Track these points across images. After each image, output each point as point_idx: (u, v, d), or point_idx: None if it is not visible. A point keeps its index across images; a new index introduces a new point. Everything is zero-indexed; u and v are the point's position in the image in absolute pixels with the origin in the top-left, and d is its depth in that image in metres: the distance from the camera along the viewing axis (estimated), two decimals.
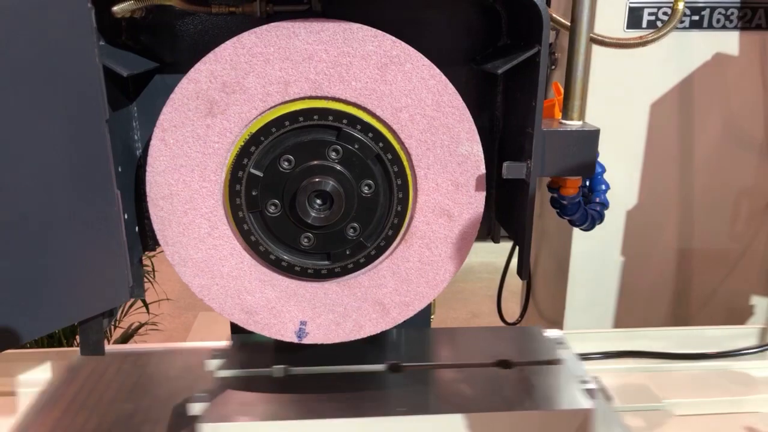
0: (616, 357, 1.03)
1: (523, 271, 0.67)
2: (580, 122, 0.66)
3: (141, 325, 2.33)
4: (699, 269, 1.46)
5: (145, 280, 2.16)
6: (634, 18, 1.28)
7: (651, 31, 0.91)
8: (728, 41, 1.31)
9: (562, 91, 0.70)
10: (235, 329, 0.85)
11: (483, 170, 0.67)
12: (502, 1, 0.67)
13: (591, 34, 0.65)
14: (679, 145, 1.37)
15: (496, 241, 0.78)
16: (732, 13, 1.30)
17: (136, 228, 0.71)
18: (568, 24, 0.64)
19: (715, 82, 1.33)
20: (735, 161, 1.37)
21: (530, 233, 0.65)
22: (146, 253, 0.76)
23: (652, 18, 1.28)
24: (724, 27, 1.30)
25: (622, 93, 1.34)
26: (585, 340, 1.05)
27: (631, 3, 1.27)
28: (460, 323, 2.64)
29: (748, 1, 1.28)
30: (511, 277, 1.75)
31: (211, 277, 0.69)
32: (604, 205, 0.73)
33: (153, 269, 2.27)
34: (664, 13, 1.28)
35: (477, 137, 0.66)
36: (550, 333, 0.82)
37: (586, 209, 0.70)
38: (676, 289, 1.49)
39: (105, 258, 0.61)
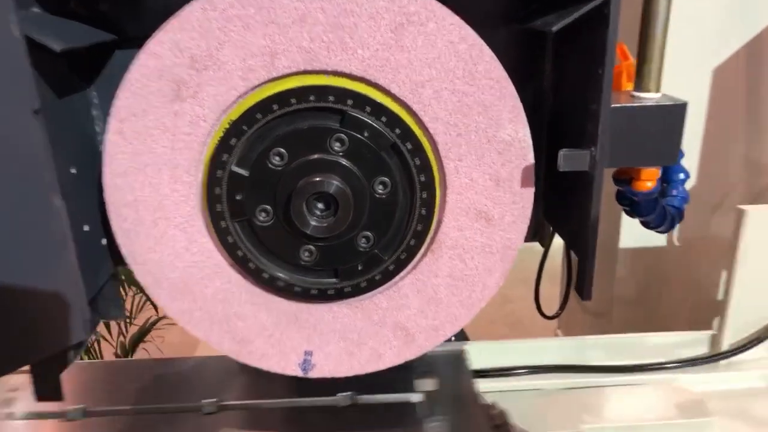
0: (532, 372, 0.90)
1: (585, 289, 0.52)
2: (659, 94, 0.50)
3: (158, 320, 2.24)
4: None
5: None
6: None
7: None
8: None
9: (629, 54, 0.54)
10: None
11: (531, 160, 0.52)
12: None
13: None
14: (746, 115, 1.19)
15: (544, 245, 0.63)
16: None
17: (104, 240, 0.58)
18: None
19: None
20: None
21: (595, 240, 0.50)
22: None
23: None
24: None
25: (677, 59, 1.16)
26: (507, 351, 0.93)
27: None
28: (492, 310, 2.48)
29: None
30: (550, 259, 1.59)
31: (192, 300, 0.56)
32: (685, 199, 0.57)
33: None
34: None
35: (523, 118, 0.51)
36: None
37: (664, 206, 0.54)
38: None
39: (49, 288, 0.48)
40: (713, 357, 0.89)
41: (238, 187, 0.51)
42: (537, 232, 0.63)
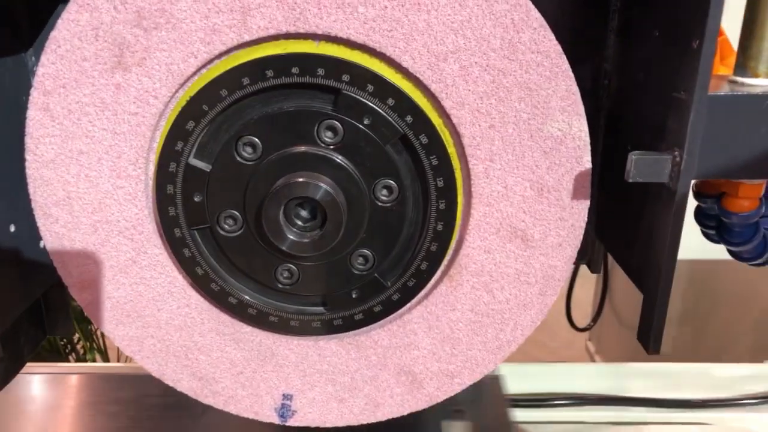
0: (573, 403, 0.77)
1: (652, 340, 0.39)
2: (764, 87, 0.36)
3: None
4: None
5: None
6: None
7: None
8: None
9: (722, 30, 0.41)
10: None
11: (588, 164, 0.38)
12: None
13: None
14: None
15: (595, 270, 0.50)
16: None
17: (42, 242, 0.47)
18: None
19: None
20: None
21: (670, 278, 0.37)
22: None
23: None
24: None
25: None
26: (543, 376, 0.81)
27: None
28: None
29: None
30: (581, 273, 1.46)
31: (142, 326, 0.44)
32: None
33: None
34: None
35: (580, 107, 0.37)
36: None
37: (765, 233, 0.41)
38: None
39: None
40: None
41: (196, 185, 0.39)
42: (586, 253, 0.50)
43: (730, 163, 0.35)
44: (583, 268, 1.21)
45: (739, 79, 0.37)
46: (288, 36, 0.37)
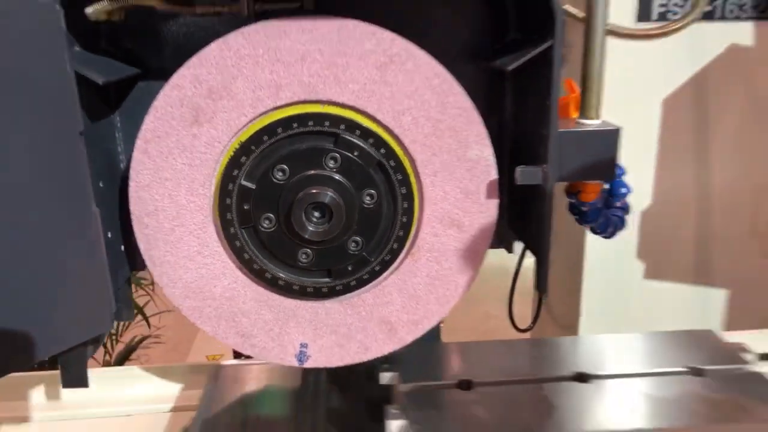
0: None
1: (541, 284, 0.61)
2: (599, 121, 0.61)
3: (143, 339, 2.28)
4: (720, 269, 1.40)
5: (144, 292, 2.12)
6: (644, 9, 1.22)
7: (665, 23, 0.85)
8: (743, 32, 1.25)
9: (576, 88, 0.65)
10: (237, 352, 0.81)
11: (495, 176, 0.61)
12: None
13: (608, 26, 0.60)
14: (694, 141, 1.31)
15: (509, 250, 0.72)
16: (745, 3, 1.24)
17: (122, 247, 0.66)
18: (582, 15, 0.59)
19: (730, 74, 1.27)
20: (754, 156, 1.32)
21: (548, 244, 0.60)
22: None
23: (663, 10, 1.22)
24: (737, 18, 1.24)
25: (631, 90, 1.29)
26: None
27: None
28: (474, 325, 2.57)
29: None
30: (522, 281, 1.69)
31: (202, 298, 0.64)
32: (626, 210, 0.67)
33: (152, 281, 2.22)
34: (676, 4, 1.23)
35: (487, 140, 0.61)
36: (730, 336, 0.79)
37: (608, 215, 0.65)
38: (698, 290, 1.43)
39: (84, 283, 0.56)
40: None
41: (245, 198, 0.60)
42: (503, 240, 0.73)
43: (576, 172, 0.59)
44: (523, 293, 1.47)
45: (581, 120, 0.61)
46: (305, 102, 0.59)
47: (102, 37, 0.63)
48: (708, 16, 1.24)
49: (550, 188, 0.58)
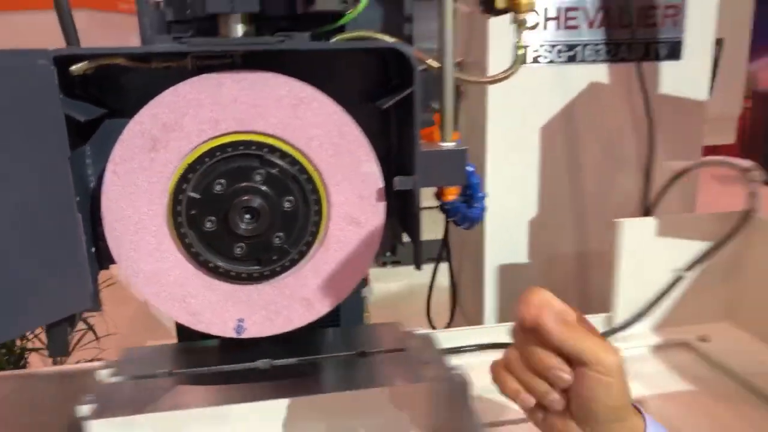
0: (486, 348, 1.20)
1: (417, 262, 0.83)
2: (453, 143, 0.84)
3: (89, 361, 2.37)
4: (595, 270, 1.67)
5: (93, 315, 2.23)
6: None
7: (505, 71, 1.10)
8: (599, 72, 1.55)
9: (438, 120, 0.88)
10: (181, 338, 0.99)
11: (381, 185, 0.83)
12: (388, 51, 0.85)
13: (455, 75, 0.83)
14: (567, 162, 1.59)
15: (400, 242, 0.94)
16: (600, 48, 1.54)
17: (93, 249, 0.84)
18: (437, 65, 0.82)
19: (591, 107, 1.56)
20: (613, 175, 1.60)
21: (419, 230, 0.82)
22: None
23: (536, 54, 1.50)
24: (594, 60, 1.53)
25: (517, 119, 1.56)
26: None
27: (516, 42, 1.49)
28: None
29: (612, 38, 1.53)
30: (443, 293, 1.93)
31: (160, 285, 0.82)
32: (482, 209, 0.91)
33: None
34: (547, 50, 1.51)
35: (374, 158, 0.82)
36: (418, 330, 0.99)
37: (466, 212, 0.87)
38: (578, 289, 1.69)
39: (70, 269, 0.73)
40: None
41: (192, 205, 0.79)
42: (395, 236, 0.94)
43: (436, 179, 0.81)
44: (438, 294, 1.71)
45: (441, 143, 0.84)
46: (237, 132, 0.79)
47: (77, 86, 0.82)
48: (571, 60, 1.53)
49: (418, 191, 0.80)
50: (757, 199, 1.19)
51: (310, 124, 0.80)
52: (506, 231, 1.61)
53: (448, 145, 0.83)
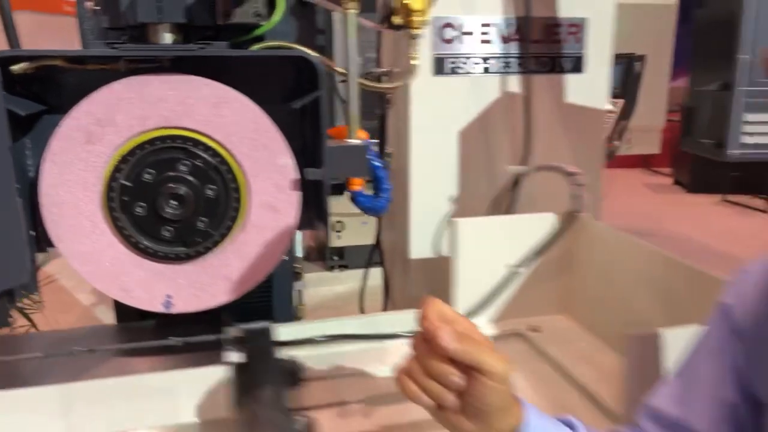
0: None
1: (328, 247, 0.95)
2: (359, 141, 0.96)
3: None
4: None
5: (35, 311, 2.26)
6: (438, 65, 1.64)
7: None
8: (510, 82, 1.71)
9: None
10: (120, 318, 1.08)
11: (295, 176, 0.95)
12: (298, 59, 0.97)
13: (359, 80, 0.96)
14: (483, 163, 1.74)
15: (313, 228, 1.06)
16: (512, 61, 1.70)
17: (32, 232, 0.92)
18: (343, 72, 0.95)
19: (504, 113, 1.72)
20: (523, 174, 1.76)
21: (328, 217, 0.94)
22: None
23: (453, 65, 1.65)
24: (506, 72, 1.69)
25: (438, 124, 1.70)
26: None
27: (435, 54, 1.64)
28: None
29: (522, 52, 1.69)
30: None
31: (95, 264, 0.92)
32: (388, 199, 1.03)
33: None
34: (463, 62, 1.66)
35: (288, 152, 0.94)
36: None
37: (373, 202, 1.00)
38: None
39: (11, 249, 0.82)
40: None
41: (125, 192, 0.89)
42: (310, 223, 1.06)
43: (342, 170, 0.94)
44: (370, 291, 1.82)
45: (348, 140, 0.96)
46: (165, 127, 0.90)
47: (18, 84, 0.91)
48: (486, 71, 1.69)
49: (327, 182, 0.92)
50: (579, 200, 1.31)
51: (230, 122, 0.91)
52: (429, 227, 1.74)
53: (354, 141, 0.96)
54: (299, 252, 1.62)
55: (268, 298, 1.45)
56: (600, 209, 1.86)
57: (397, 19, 1.02)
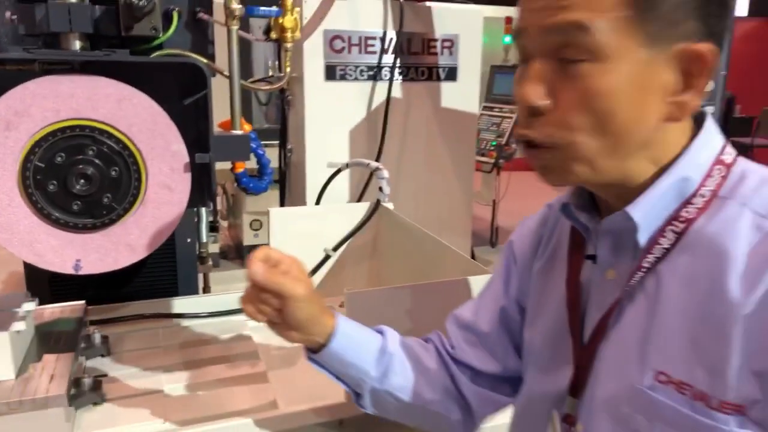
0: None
1: (214, 208, 1.16)
2: (241, 132, 1.18)
3: None
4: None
5: None
6: (330, 72, 1.88)
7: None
8: (395, 89, 1.97)
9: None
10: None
11: (187, 160, 1.15)
12: (187, 64, 1.17)
13: (241, 82, 1.18)
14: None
15: (204, 205, 1.26)
16: (398, 70, 1.96)
17: None
18: (227, 74, 1.16)
19: (392, 116, 1.98)
20: (412, 169, 2.03)
21: (215, 194, 1.15)
22: None
23: (342, 72, 1.89)
24: (390, 79, 1.95)
25: (330, 124, 1.94)
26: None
27: (327, 62, 1.87)
28: None
29: (404, 62, 1.95)
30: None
31: (11, 233, 1.09)
32: (269, 181, 1.26)
33: None
34: (351, 70, 1.90)
35: (181, 140, 1.14)
36: None
37: (256, 183, 1.22)
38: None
39: None
40: None
41: (39, 172, 1.07)
42: (201, 200, 1.26)
43: (226, 155, 1.15)
44: None
45: (233, 131, 1.17)
46: (75, 118, 1.08)
47: None
48: (372, 78, 1.94)
49: (213, 164, 1.13)
50: (383, 192, 1.51)
51: (131, 114, 1.11)
52: None
53: (237, 132, 1.18)
54: (204, 238, 1.81)
55: (173, 276, 1.64)
56: (491, 206, 2.15)
57: (273, 34, 1.25)
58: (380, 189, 1.48)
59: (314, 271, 1.50)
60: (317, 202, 1.69)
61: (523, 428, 0.88)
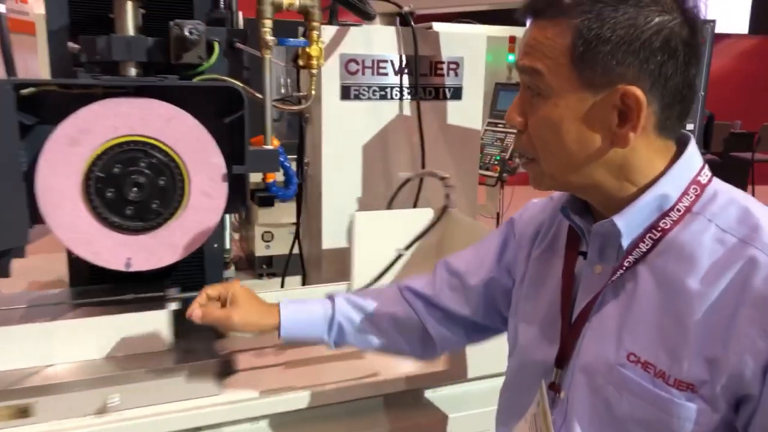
0: None
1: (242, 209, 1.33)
2: (271, 147, 1.35)
3: None
4: None
5: None
6: (345, 92, 2.05)
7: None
8: (405, 107, 2.14)
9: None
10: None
11: (225, 171, 1.32)
12: (227, 88, 1.35)
13: (272, 103, 1.35)
14: (381, 171, 2.15)
15: (238, 212, 1.43)
16: (404, 90, 2.13)
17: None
18: (261, 97, 1.33)
19: (399, 132, 2.14)
20: (415, 181, 2.19)
21: (248, 199, 1.32)
22: None
23: (357, 92, 2.06)
24: (400, 98, 2.12)
25: (345, 139, 2.10)
26: None
27: (342, 83, 2.04)
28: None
29: (413, 83, 2.12)
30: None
31: (75, 233, 1.25)
32: (294, 190, 1.42)
33: None
34: (364, 90, 2.07)
35: (220, 154, 1.31)
36: None
37: (284, 191, 1.39)
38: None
39: (16, 217, 1.15)
40: None
41: (99, 181, 1.24)
42: (236, 207, 1.42)
43: (259, 167, 1.32)
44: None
45: (264, 146, 1.34)
46: (130, 134, 1.25)
47: (19, 101, 1.24)
48: (383, 97, 2.11)
49: (247, 175, 1.30)
50: (450, 199, 1.71)
51: (177, 132, 1.28)
52: (338, 221, 2.13)
53: (268, 147, 1.34)
54: (228, 245, 1.96)
55: (201, 277, 1.80)
56: (475, 207, 2.30)
57: (300, 62, 1.42)
58: (447, 196, 1.66)
59: (388, 268, 1.68)
60: (388, 208, 1.91)
61: (514, 391, 1.03)
